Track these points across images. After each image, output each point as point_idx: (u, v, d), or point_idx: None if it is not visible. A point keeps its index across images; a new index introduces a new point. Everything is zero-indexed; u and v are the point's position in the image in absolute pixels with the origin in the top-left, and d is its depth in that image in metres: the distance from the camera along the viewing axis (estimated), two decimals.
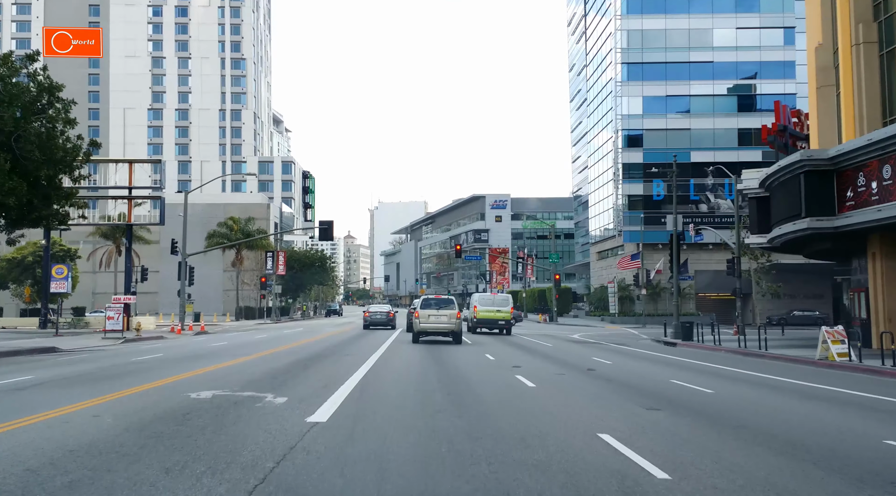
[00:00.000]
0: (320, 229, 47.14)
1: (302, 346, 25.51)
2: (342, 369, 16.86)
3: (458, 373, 16.78)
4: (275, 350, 23.98)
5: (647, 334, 45.07)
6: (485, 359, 21.17)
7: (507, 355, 22.84)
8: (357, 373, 15.59)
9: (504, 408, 10.83)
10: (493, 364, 19.55)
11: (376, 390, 12.88)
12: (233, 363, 18.39)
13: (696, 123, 66.52)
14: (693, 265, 66.14)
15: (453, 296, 32.56)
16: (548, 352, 25.26)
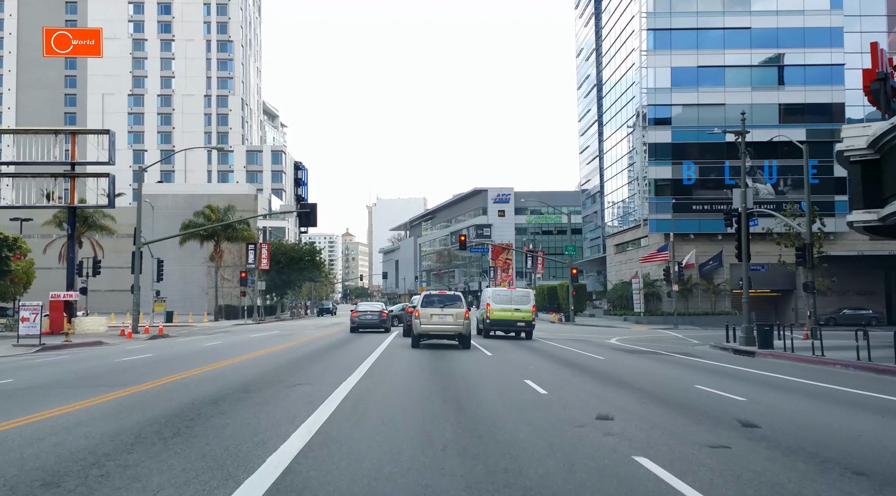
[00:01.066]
0: (301, 213, 39.34)
1: (246, 364, 17.59)
2: (260, 432, 8.26)
3: (505, 436, 8.32)
4: (191, 372, 15.98)
5: (694, 337, 37.47)
6: (528, 391, 12.53)
7: (555, 379, 14.75)
8: (285, 450, 7.20)
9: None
10: (549, 403, 10.98)
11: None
12: (65, 410, 10.32)
13: (731, 98, 58.80)
14: (727, 258, 58.48)
15: (460, 293, 24.97)
16: (608, 370, 17.40)
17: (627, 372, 16.54)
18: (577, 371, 16.23)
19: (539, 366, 16.87)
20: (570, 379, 14.43)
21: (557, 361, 18.75)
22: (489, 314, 29.32)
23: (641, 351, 24.93)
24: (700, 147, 58.62)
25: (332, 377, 13.79)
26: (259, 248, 64.40)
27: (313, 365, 16.62)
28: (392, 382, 13.45)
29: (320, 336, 32.15)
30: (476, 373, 14.82)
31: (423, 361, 18.02)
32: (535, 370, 15.85)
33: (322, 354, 20.31)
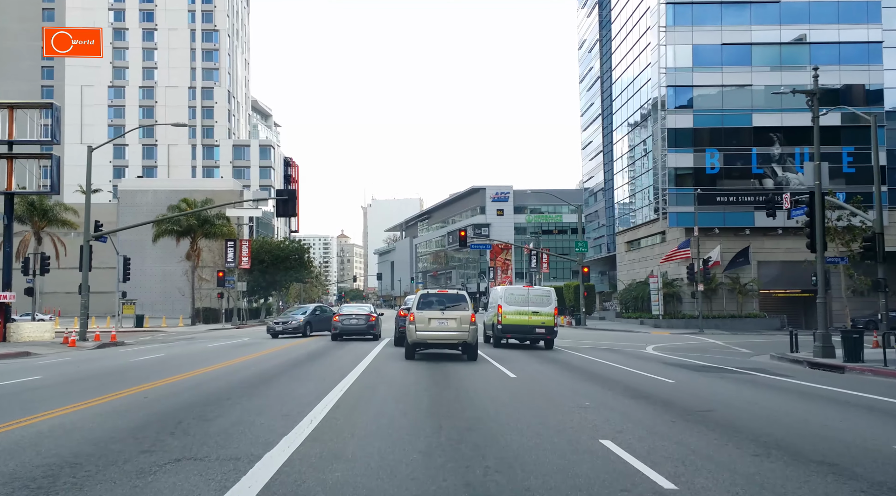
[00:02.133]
0: (278, 200, 33.70)
1: (150, 396, 11.62)
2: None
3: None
4: (82, 405, 10.40)
5: (733, 343, 31.90)
6: (621, 471, 6.26)
7: (645, 431, 8.38)
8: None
9: None
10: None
11: None
12: None
13: (758, 78, 53.40)
14: (755, 254, 53.06)
15: (465, 292, 19.45)
16: (701, 405, 10.90)
17: (733, 408, 10.68)
18: (662, 409, 10.14)
19: (597, 399, 11.12)
20: (671, 431, 8.22)
21: (613, 387, 13.00)
22: (501, 318, 23.70)
23: (700, 366, 19.31)
24: (725, 132, 53.18)
25: (263, 429, 8.07)
26: (239, 246, 58.65)
27: (253, 397, 10.87)
28: (367, 437, 7.74)
29: (296, 344, 26.48)
30: (507, 417, 9.10)
31: (421, 386, 12.43)
32: (596, 408, 10.03)
33: (281, 374, 14.63)
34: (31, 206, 51.32)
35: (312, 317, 33.38)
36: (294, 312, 36.40)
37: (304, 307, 37.64)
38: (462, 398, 10.62)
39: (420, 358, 18.83)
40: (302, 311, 35.26)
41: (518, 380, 13.64)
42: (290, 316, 34.64)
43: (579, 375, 15.08)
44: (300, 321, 32.51)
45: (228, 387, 12.02)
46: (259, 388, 11.90)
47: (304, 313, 34.30)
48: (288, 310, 36.52)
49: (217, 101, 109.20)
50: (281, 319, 34.27)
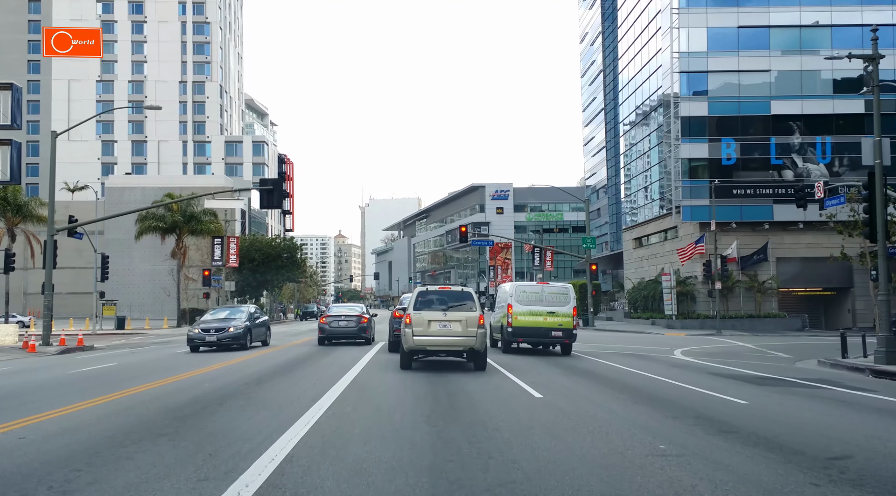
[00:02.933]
0: (263, 191, 30.51)
1: (61, 423, 8.53)
2: None
3: None
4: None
5: (763, 346, 28.70)
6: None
7: None
8: None
9: None
10: None
11: None
12: None
13: (777, 63, 50.25)
14: (774, 250, 49.94)
15: (470, 289, 16.17)
16: (812, 448, 7.34)
17: (874, 452, 7.45)
18: (775, 456, 6.51)
19: (669, 436, 7.70)
20: None
21: (677, 413, 9.61)
22: (512, 319, 20.49)
23: (755, 378, 16.08)
24: (742, 121, 50.02)
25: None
26: (227, 243, 55.40)
27: (174, 438, 7.55)
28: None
29: (275, 350, 23.26)
30: (552, 476, 5.85)
31: (419, 416, 9.14)
32: (680, 455, 6.52)
33: (234, 394, 11.32)
34: (3, 201, 48.08)
35: (251, 324, 23.63)
36: (223, 312, 25.19)
37: (234, 308, 26.36)
38: (478, 438, 7.43)
39: (418, 367, 15.68)
40: (231, 311, 25.03)
41: (546, 401, 10.43)
42: (222, 318, 23.57)
43: (622, 393, 11.84)
44: (240, 326, 22.64)
45: (150, 420, 8.76)
46: (190, 421, 8.65)
47: (238, 314, 24.02)
48: (213, 312, 26.00)
49: (209, 96, 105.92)
50: (211, 323, 23.19)
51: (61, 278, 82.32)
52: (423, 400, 10.41)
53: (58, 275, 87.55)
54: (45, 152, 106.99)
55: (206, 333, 22.47)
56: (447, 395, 10.84)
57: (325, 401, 9.91)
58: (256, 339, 24.16)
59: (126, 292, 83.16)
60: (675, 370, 17.09)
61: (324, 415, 8.76)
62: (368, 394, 11.09)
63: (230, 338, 22.32)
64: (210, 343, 22.27)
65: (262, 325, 25.23)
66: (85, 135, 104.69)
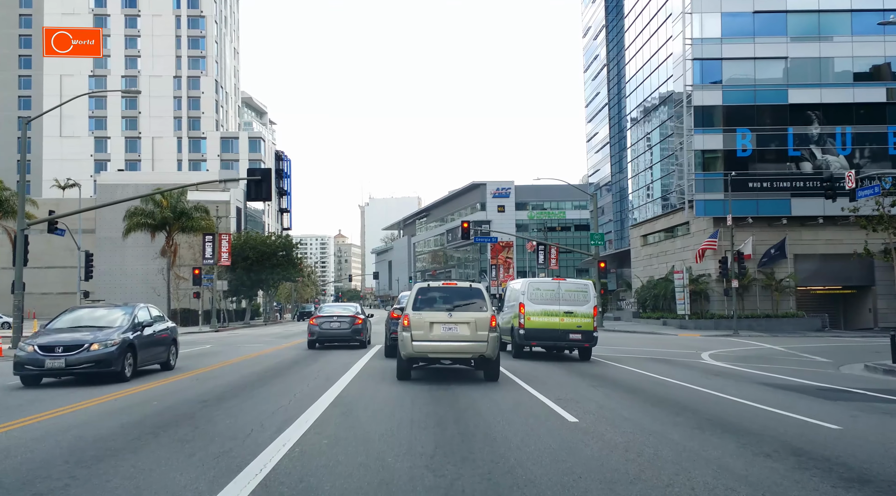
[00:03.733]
0: (251, 181, 28.14)
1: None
2: None
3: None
4: None
5: (796, 349, 26.41)
6: None
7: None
8: None
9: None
10: None
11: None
12: None
13: (794, 50, 47.85)
14: (792, 246, 47.58)
15: (480, 285, 13.66)
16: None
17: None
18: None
19: (771, 487, 5.49)
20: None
21: (761, 445, 7.17)
22: (524, 320, 18.14)
23: (814, 389, 13.68)
24: (758, 110, 47.65)
25: None
26: (218, 240, 52.99)
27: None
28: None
29: (259, 354, 20.90)
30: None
31: (417, 455, 6.72)
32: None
33: (179, 421, 8.85)
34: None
35: (136, 337, 14.31)
36: (88, 314, 15.47)
37: (112, 308, 16.01)
38: None
39: (418, 376, 13.35)
40: (102, 314, 15.27)
41: (585, 429, 8.04)
42: (84, 326, 14.33)
43: (675, 415, 9.38)
44: (110, 342, 13.38)
45: (46, 463, 6.36)
46: (100, 466, 6.22)
47: (115, 316, 14.84)
48: (68, 313, 15.67)
49: (204, 91, 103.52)
50: (56, 334, 13.92)
51: (50, 278, 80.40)
52: (424, 426, 8.07)
53: (47, 275, 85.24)
54: (38, 150, 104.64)
55: (49, 354, 13.02)
56: (455, 419, 8.51)
57: (296, 429, 7.60)
58: (148, 361, 15.07)
59: (118, 292, 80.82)
60: (716, 379, 14.73)
61: (287, 454, 6.42)
62: (355, 416, 8.74)
63: (92, 361, 13.04)
64: (55, 371, 13.16)
65: (159, 342, 15.61)
66: (77, 131, 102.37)
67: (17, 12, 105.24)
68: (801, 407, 10.38)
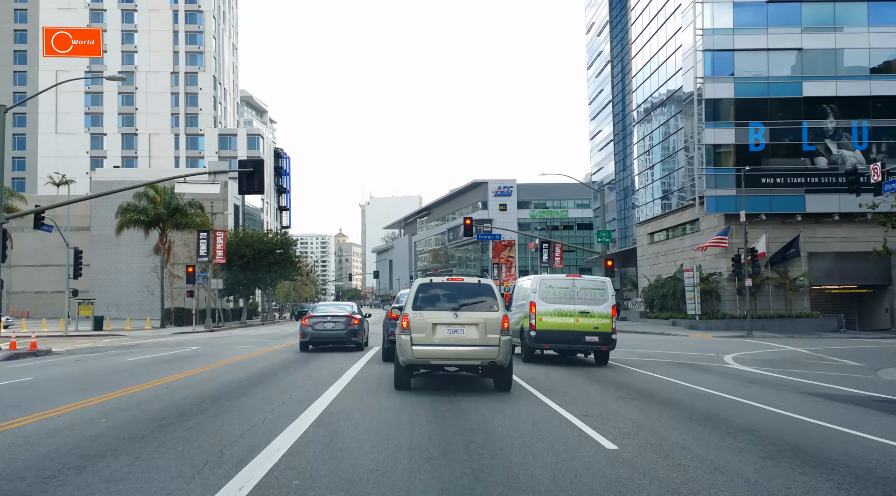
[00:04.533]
0: (242, 173, 26.58)
1: None
2: None
3: None
4: None
5: (820, 352, 24.81)
6: None
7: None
8: None
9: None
10: None
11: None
12: None
13: (809, 41, 46.19)
14: (806, 244, 45.92)
15: (490, 281, 11.91)
16: None
17: None
18: None
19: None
20: None
21: (857, 484, 5.73)
22: (535, 321, 16.51)
23: (861, 397, 12.09)
24: (771, 104, 45.99)
25: None
26: (213, 237, 51.37)
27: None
28: None
29: (246, 357, 19.27)
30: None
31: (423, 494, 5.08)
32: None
33: (122, 449, 7.20)
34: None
35: None
36: None
37: None
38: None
39: (419, 384, 11.72)
40: None
41: (629, 460, 6.36)
42: None
43: (732, 437, 7.69)
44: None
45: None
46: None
47: None
48: None
49: (202, 88, 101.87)
50: None
51: (46, 276, 78.81)
52: (426, 456, 6.42)
53: (42, 273, 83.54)
54: (32, 146, 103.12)
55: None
56: (464, 446, 6.88)
57: (262, 462, 5.95)
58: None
59: (114, 291, 79.32)
60: (754, 388, 13.07)
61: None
62: (340, 441, 7.08)
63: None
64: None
65: None
66: (73, 127, 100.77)
67: (11, 7, 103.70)
68: (872, 425, 8.75)
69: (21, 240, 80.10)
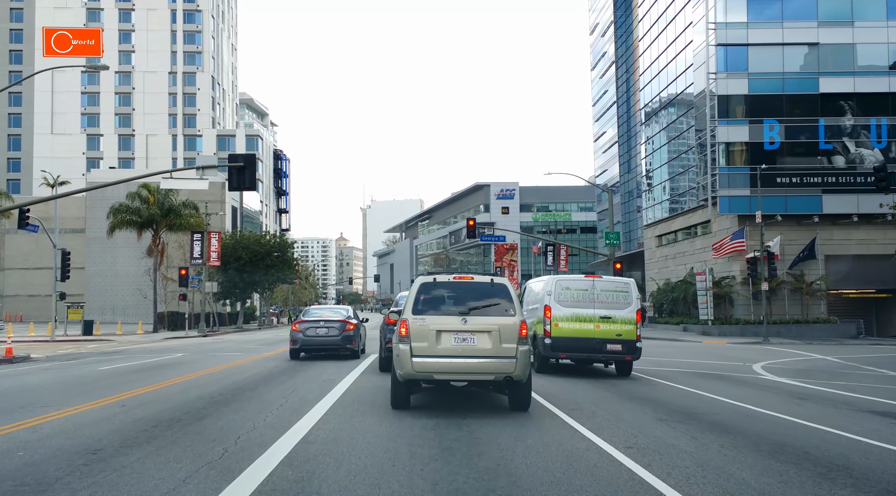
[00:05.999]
0: (232, 168, 24.80)
1: None
2: None
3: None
4: None
5: (850, 359, 23.09)
6: None
7: None
8: None
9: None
10: None
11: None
12: None
13: (826, 35, 44.47)
14: (824, 246, 44.15)
15: (504, 280, 10.03)
16: None
17: None
18: None
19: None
20: None
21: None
22: (550, 327, 14.74)
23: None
24: (787, 100, 44.23)
25: None
26: (207, 239, 49.60)
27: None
28: None
29: (229, 366, 17.49)
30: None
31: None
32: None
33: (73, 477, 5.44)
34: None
35: None
36: None
37: None
38: None
39: (419, 403, 9.95)
40: None
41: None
42: None
43: (832, 483, 5.93)
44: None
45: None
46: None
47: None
48: None
49: (200, 88, 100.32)
50: None
51: (40, 279, 77.02)
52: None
53: (36, 276, 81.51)
54: (28, 147, 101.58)
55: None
56: (483, 493, 5.11)
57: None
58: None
59: (109, 294, 77.67)
60: (809, 406, 11.30)
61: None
62: (315, 490, 5.31)
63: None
64: None
65: None
66: (69, 128, 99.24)
67: (7, 5, 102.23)
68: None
69: (15, 242, 78.60)
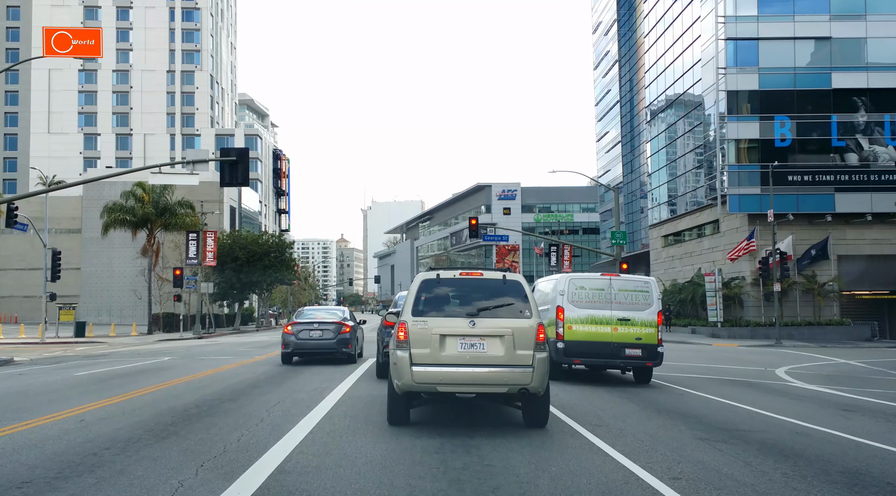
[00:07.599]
0: (224, 163, 23.58)
1: None
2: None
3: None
4: None
5: (873, 364, 21.79)
6: None
7: None
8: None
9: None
10: None
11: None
12: None
13: (838, 29, 43.27)
14: (836, 246, 42.90)
15: (518, 277, 8.67)
16: None
17: None
18: None
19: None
20: None
21: None
22: (563, 330, 13.50)
23: None
24: (798, 96, 42.99)
25: None
26: (203, 238, 48.36)
27: None
28: None
29: (215, 372, 16.24)
30: None
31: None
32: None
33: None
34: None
35: None
36: None
37: None
38: None
39: (419, 419, 8.71)
40: None
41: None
42: None
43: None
44: None
45: None
46: None
47: None
48: None
49: (198, 87, 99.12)
50: None
51: (35, 280, 75.53)
52: None
53: (32, 277, 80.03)
54: (24, 146, 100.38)
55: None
56: None
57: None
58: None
59: (105, 295, 76.57)
60: (859, 420, 10.08)
61: None
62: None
63: None
64: None
65: None
66: (66, 127, 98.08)
67: (4, 4, 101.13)
68: None
69: (10, 242, 77.36)
